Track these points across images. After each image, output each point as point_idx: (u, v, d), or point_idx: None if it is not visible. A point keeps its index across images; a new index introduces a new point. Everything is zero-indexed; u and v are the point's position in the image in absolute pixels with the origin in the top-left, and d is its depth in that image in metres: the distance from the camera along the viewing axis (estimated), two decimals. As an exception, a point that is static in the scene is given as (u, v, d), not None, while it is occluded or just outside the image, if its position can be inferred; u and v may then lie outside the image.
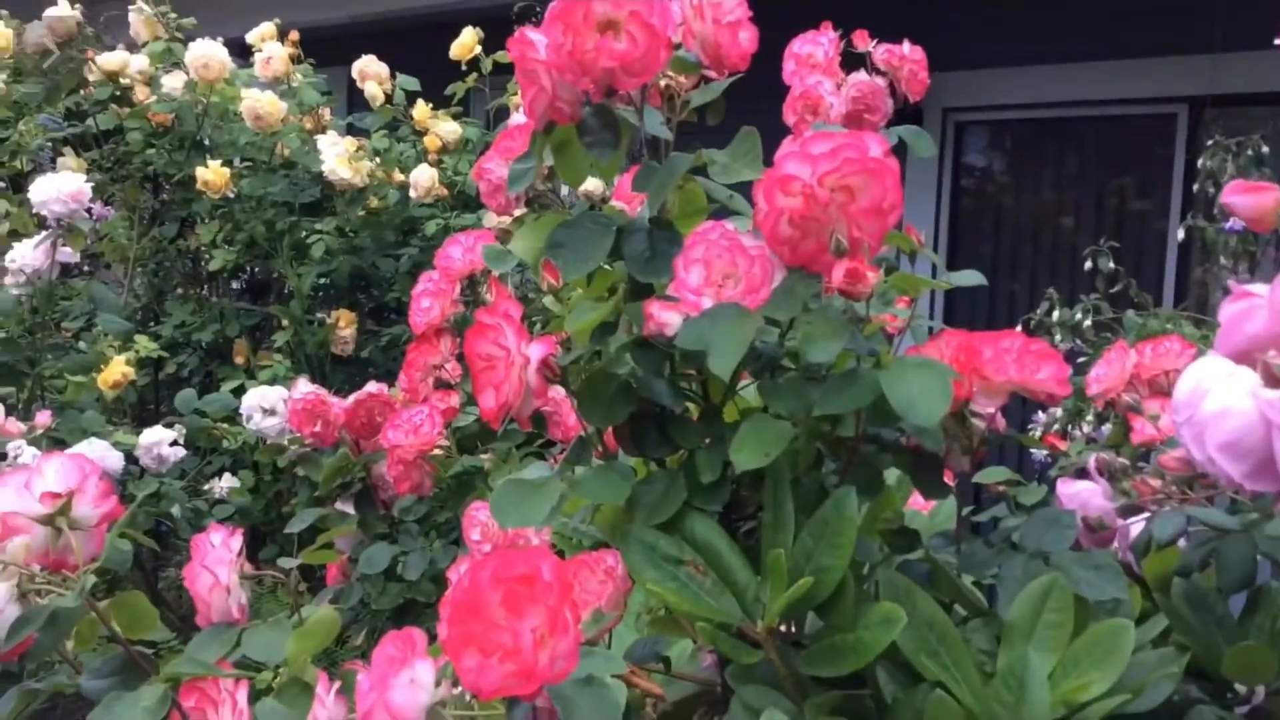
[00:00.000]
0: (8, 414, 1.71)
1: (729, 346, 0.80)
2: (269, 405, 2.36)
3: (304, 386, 2.02)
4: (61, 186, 1.96)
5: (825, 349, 0.77)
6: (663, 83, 1.06)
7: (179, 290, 3.46)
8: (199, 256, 3.44)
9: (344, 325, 3.15)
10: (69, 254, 2.07)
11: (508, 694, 0.59)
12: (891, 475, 0.93)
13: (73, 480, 0.95)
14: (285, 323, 3.13)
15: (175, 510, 1.96)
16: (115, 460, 1.84)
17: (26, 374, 1.92)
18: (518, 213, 1.30)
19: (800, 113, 1.38)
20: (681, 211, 1.02)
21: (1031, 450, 2.54)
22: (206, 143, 3.23)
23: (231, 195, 3.14)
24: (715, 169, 0.90)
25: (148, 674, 0.82)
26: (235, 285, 3.61)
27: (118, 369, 2.44)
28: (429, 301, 1.86)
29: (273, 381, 3.09)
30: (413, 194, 2.81)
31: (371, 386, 1.94)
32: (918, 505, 1.20)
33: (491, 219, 2.66)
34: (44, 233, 2.02)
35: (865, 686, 0.82)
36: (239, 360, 3.13)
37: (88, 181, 2.00)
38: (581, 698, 0.64)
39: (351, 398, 1.93)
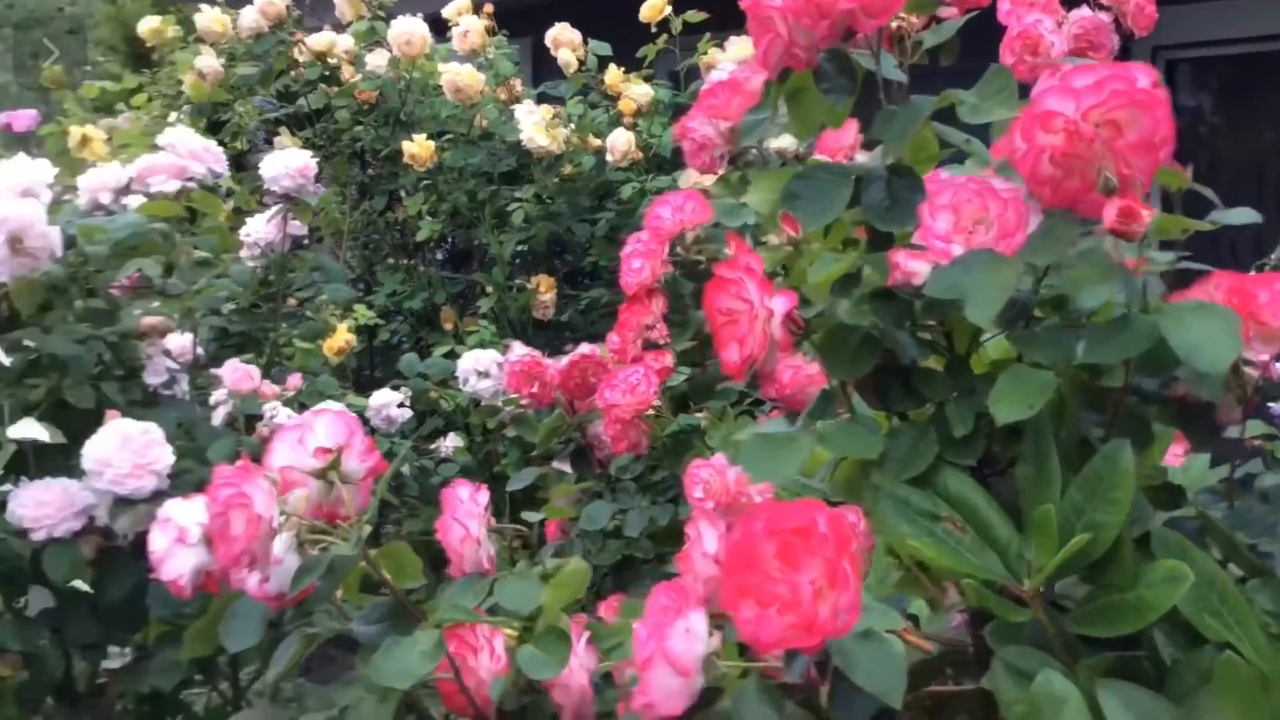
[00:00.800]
0: (248, 380, 1.84)
1: (988, 294, 0.77)
2: (483, 368, 2.43)
3: (519, 350, 2.07)
4: (290, 162, 2.06)
5: (1096, 293, 0.73)
6: (894, 24, 1.03)
7: (389, 260, 3.61)
8: (406, 228, 3.56)
9: (544, 290, 3.22)
10: (299, 227, 2.18)
11: (788, 646, 0.59)
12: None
13: (341, 436, 0.99)
14: (489, 289, 3.21)
15: (405, 469, 2.06)
16: (347, 422, 1.93)
17: (262, 342, 2.04)
18: (721, 172, 1.29)
19: (1019, 53, 1.31)
20: (912, 159, 0.99)
21: (1270, 403, 2.38)
22: (409, 118, 3.34)
23: (433, 167, 3.24)
24: (964, 109, 0.86)
25: (416, 620, 0.85)
26: (439, 255, 3.74)
27: (342, 336, 2.57)
28: (640, 262, 1.87)
29: (480, 346, 3.18)
30: (609, 158, 2.84)
31: (585, 348, 1.97)
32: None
33: (690, 179, 2.65)
34: (273, 208, 2.12)
35: (1136, 648, 0.79)
36: (447, 326, 3.24)
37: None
38: (862, 652, 0.63)
39: (565, 359, 1.97)
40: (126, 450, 1.41)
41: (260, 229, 2.10)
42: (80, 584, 1.51)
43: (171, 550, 1.07)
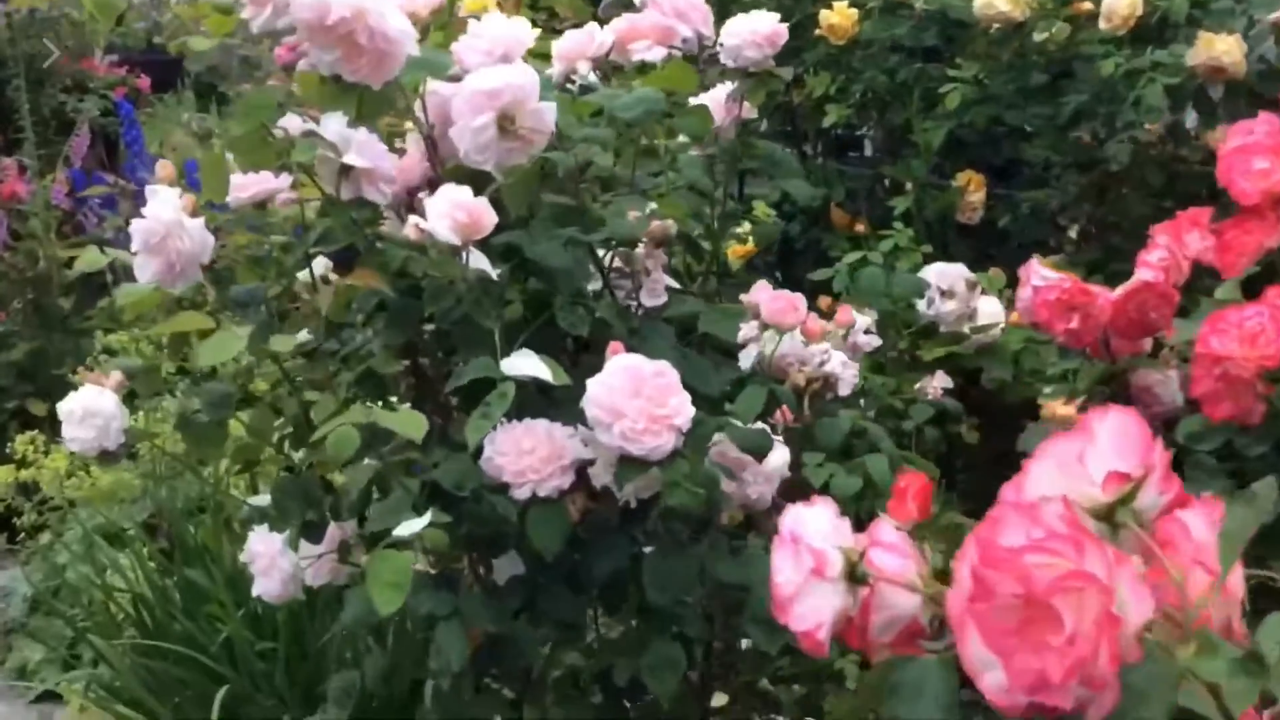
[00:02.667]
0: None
1: None
2: (947, 285, 2.01)
3: (1044, 271, 1.63)
4: (757, 28, 1.67)
5: None
6: None
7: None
8: (799, 111, 3.14)
9: (974, 189, 2.73)
10: (748, 110, 1.81)
11: None
12: None
13: (1136, 450, 0.60)
14: (908, 186, 2.76)
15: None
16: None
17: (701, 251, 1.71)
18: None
19: None
20: None
21: None
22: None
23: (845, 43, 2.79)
24: None
25: None
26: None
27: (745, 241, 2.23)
28: (1265, 161, 1.37)
29: (894, 253, 2.76)
30: (1103, 24, 2.30)
31: (1145, 274, 1.50)
32: None
33: (1213, 47, 2.09)
34: (724, 85, 1.75)
35: None
36: (857, 228, 2.82)
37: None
38: None
39: (1121, 289, 1.51)
40: (640, 397, 1.09)
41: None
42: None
43: (808, 586, 0.72)
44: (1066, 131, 2.62)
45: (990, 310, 2.04)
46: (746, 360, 1.19)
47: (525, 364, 1.09)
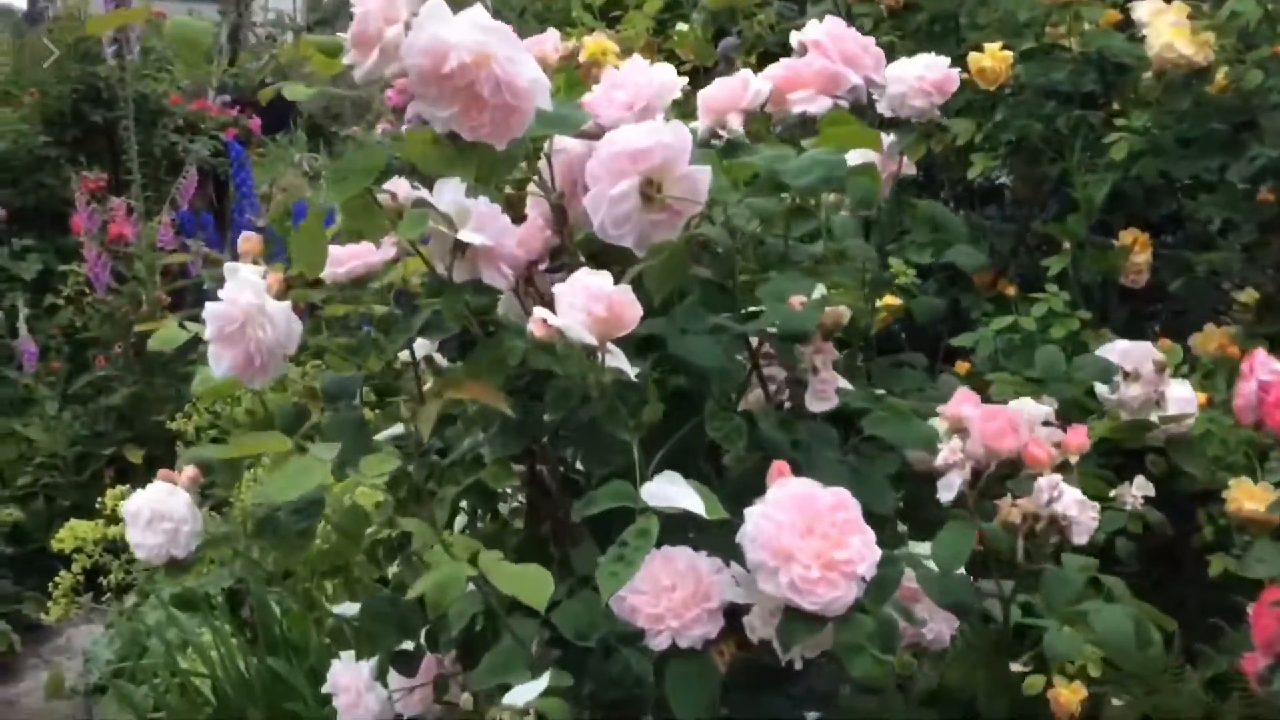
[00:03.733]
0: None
1: None
2: (1131, 367, 1.74)
3: (1273, 364, 1.37)
4: (927, 74, 1.45)
5: None
6: None
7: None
8: (935, 161, 2.90)
9: (1139, 249, 2.46)
10: (908, 165, 1.59)
11: None
12: None
13: None
14: (1065, 244, 2.49)
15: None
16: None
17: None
18: None
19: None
20: None
21: None
22: (969, 20, 2.66)
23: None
24: None
25: None
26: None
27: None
28: None
29: (1049, 316, 2.50)
30: (1305, 70, 2.03)
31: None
32: None
33: None
34: (886, 137, 1.53)
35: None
36: (1007, 290, 2.56)
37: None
38: None
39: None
40: (814, 535, 0.87)
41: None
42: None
43: None
44: (1253, 187, 2.33)
45: (1181, 396, 1.76)
46: (946, 493, 0.95)
47: (672, 492, 0.88)
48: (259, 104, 5.63)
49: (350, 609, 1.28)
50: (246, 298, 0.91)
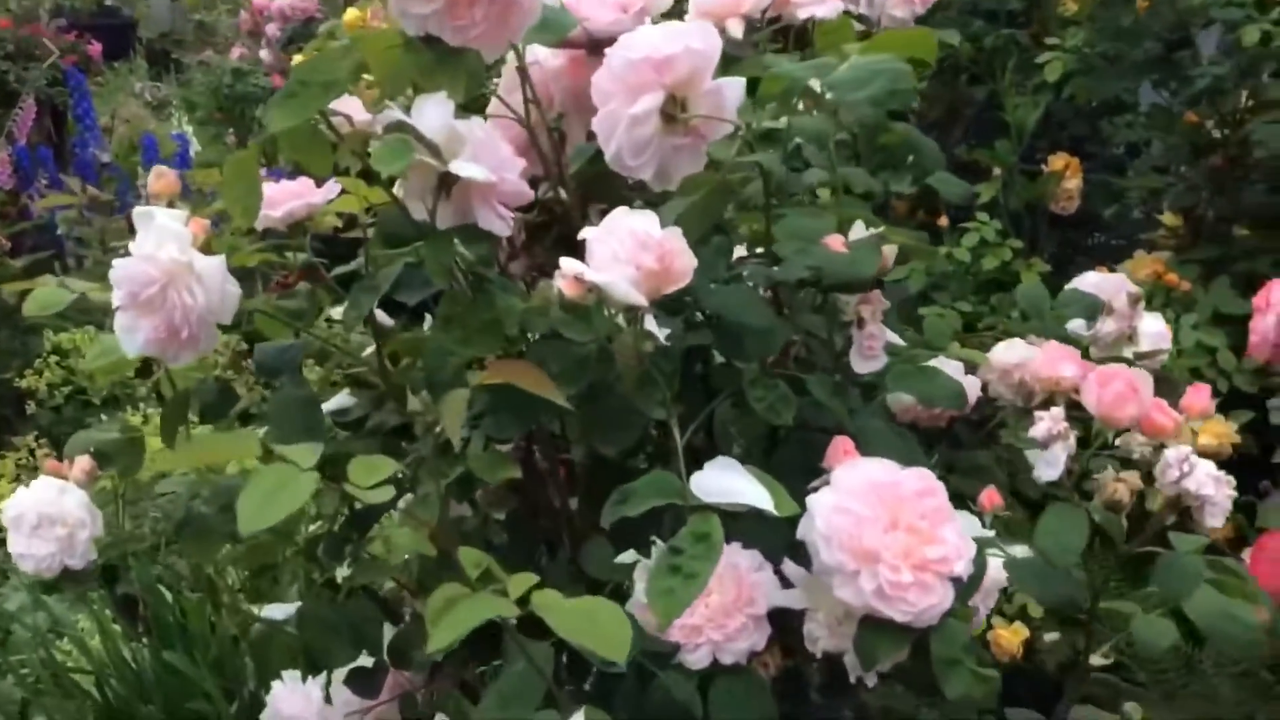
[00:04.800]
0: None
1: None
2: (1105, 300, 1.64)
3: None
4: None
5: None
6: None
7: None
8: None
9: (1070, 174, 2.38)
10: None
11: None
12: None
13: None
14: (994, 170, 2.40)
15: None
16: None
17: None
18: None
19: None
20: None
21: None
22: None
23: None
24: None
25: None
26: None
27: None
28: None
29: (981, 245, 2.40)
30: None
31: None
32: None
33: None
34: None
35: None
36: (910, 217, 2.45)
37: None
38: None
39: None
40: (900, 529, 0.71)
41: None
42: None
43: None
44: (1170, 112, 2.27)
45: (1154, 330, 1.67)
46: (1049, 469, 0.81)
47: (729, 484, 0.70)
48: (97, 28, 5.16)
49: (281, 611, 1.08)
50: (168, 253, 0.70)
